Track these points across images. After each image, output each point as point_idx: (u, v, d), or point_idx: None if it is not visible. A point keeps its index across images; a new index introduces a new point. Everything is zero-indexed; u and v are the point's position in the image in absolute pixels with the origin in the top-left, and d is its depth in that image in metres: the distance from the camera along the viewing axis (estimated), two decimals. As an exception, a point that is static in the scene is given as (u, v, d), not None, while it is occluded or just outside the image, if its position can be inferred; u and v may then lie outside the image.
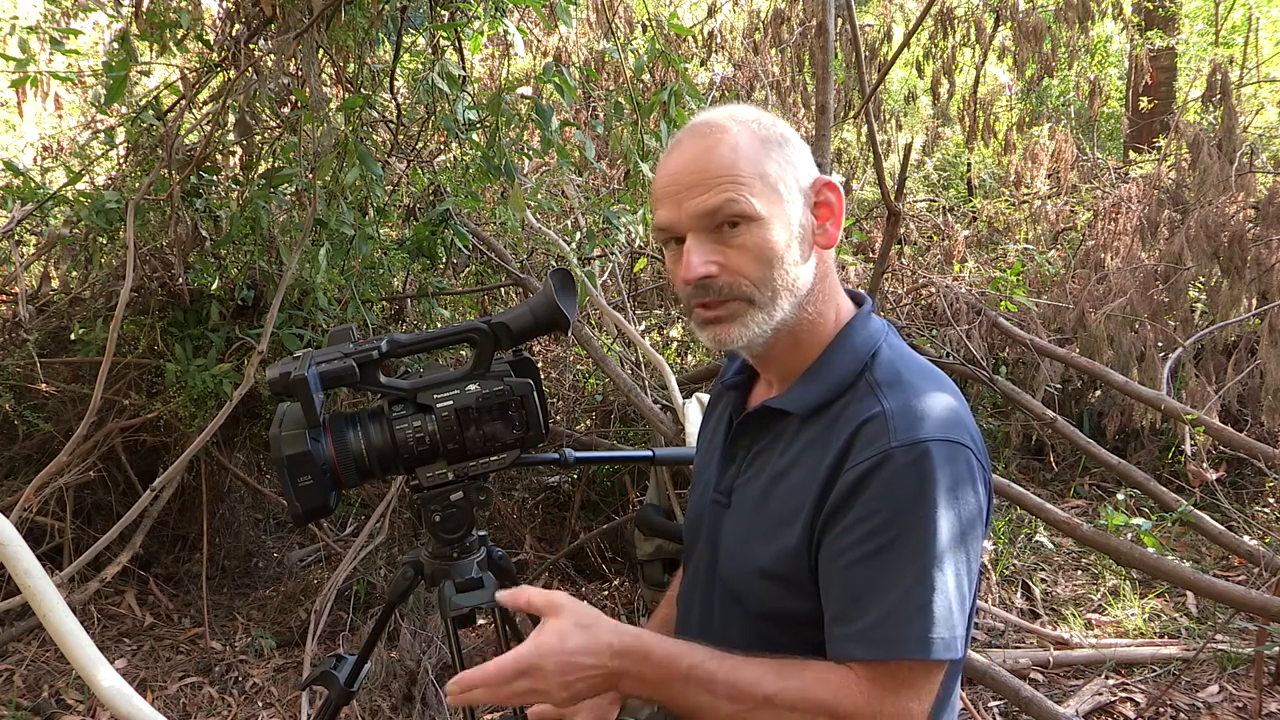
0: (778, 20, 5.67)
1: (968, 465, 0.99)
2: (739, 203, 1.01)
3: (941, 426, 0.99)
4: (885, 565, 0.95)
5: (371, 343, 1.20)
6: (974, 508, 0.99)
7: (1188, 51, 8.09)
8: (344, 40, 2.62)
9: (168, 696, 2.84)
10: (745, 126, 1.05)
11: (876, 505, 0.96)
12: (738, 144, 1.04)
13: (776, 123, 1.09)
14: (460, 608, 1.28)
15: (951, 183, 7.54)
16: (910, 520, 0.95)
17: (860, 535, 0.97)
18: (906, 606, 0.94)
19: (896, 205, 3.06)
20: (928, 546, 0.94)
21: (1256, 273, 4.13)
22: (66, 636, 1.25)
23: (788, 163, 1.05)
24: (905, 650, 0.94)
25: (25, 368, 2.98)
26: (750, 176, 1.02)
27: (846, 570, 0.98)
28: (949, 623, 0.94)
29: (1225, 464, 3.76)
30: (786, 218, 1.04)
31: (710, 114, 1.09)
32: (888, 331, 1.12)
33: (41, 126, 4.73)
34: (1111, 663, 2.98)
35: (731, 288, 1.04)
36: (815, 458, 1.03)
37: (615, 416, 3.85)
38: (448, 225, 3.17)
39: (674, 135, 1.17)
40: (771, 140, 1.05)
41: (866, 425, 1.00)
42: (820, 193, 1.08)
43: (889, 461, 0.96)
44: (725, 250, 1.03)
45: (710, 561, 1.17)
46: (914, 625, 0.93)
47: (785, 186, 1.04)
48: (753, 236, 1.02)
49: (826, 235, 1.08)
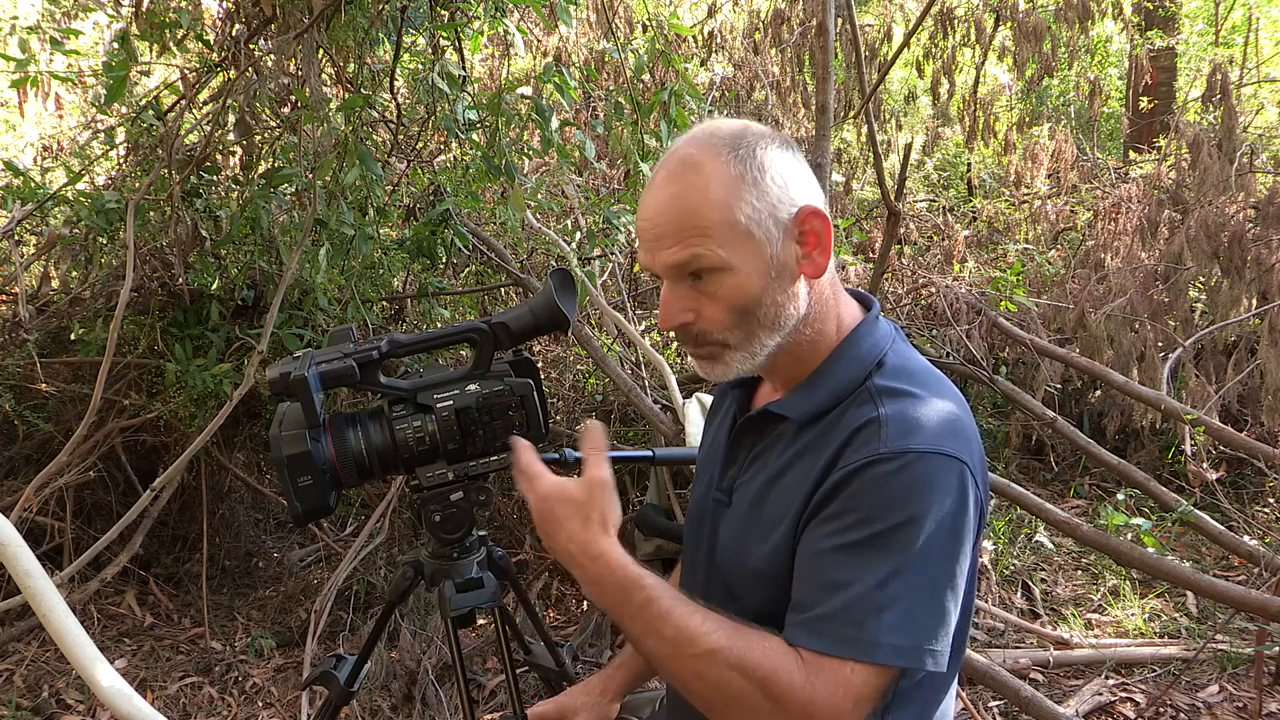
0: (778, 20, 5.67)
1: (958, 478, 0.97)
2: (705, 257, 1.01)
3: (935, 437, 0.98)
4: (849, 563, 0.95)
5: (371, 343, 1.20)
6: (959, 522, 0.97)
7: (1188, 51, 8.09)
8: (344, 40, 2.62)
9: (168, 696, 2.84)
10: (720, 163, 1.01)
11: (854, 504, 0.96)
12: (708, 188, 1.01)
13: (762, 144, 1.04)
14: (460, 608, 1.28)
15: (951, 183, 7.53)
16: (887, 524, 0.94)
17: (833, 529, 0.97)
18: (862, 607, 0.93)
19: (896, 205, 3.06)
20: (899, 552, 0.93)
21: (1256, 273, 4.13)
22: (66, 636, 1.25)
23: (763, 199, 1.01)
24: (850, 650, 0.92)
25: (25, 368, 2.98)
26: (718, 226, 1.00)
27: (813, 559, 0.98)
28: (908, 631, 0.93)
29: (1225, 464, 3.76)
30: (761, 260, 1.02)
31: (688, 142, 1.05)
32: (895, 337, 1.11)
33: (41, 126, 4.73)
34: (1111, 663, 2.98)
35: (705, 335, 1.05)
36: (810, 461, 1.03)
37: (615, 416, 3.84)
38: (448, 225, 3.17)
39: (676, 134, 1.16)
40: (747, 176, 1.01)
41: (861, 430, 0.99)
42: (805, 222, 1.03)
43: (875, 465, 0.96)
44: (699, 298, 1.04)
45: (708, 559, 1.17)
46: (866, 627, 0.92)
47: (758, 227, 1.01)
48: (724, 286, 1.02)
49: (814, 265, 1.05)
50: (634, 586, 0.97)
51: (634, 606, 0.97)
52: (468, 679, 1.34)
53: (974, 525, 1.00)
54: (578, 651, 2.93)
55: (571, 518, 1.00)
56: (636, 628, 0.98)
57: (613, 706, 1.33)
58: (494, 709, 2.78)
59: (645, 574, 0.98)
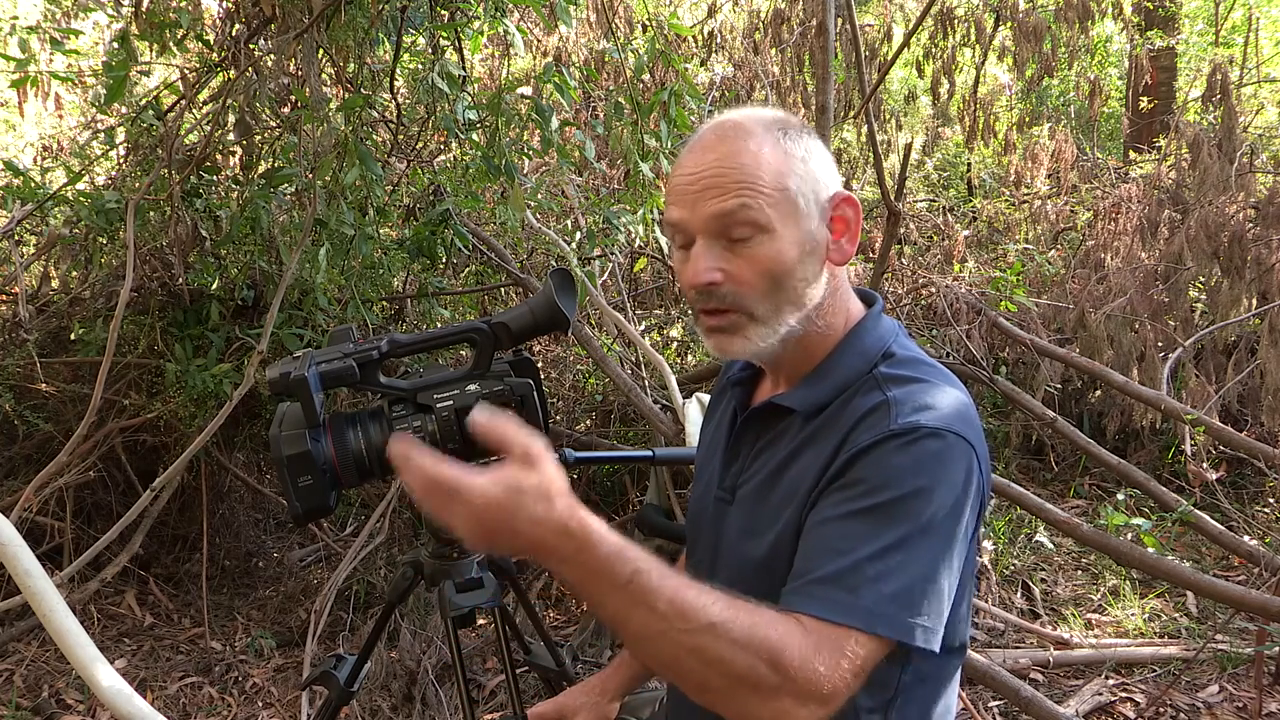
0: (778, 20, 5.67)
1: (965, 458, 0.97)
2: (754, 210, 0.99)
3: (944, 418, 0.98)
4: (852, 531, 0.93)
5: (371, 343, 1.20)
6: (965, 501, 0.97)
7: (1188, 51, 8.09)
8: (344, 40, 2.62)
9: (168, 696, 2.84)
10: (771, 134, 1.03)
11: (862, 475, 0.95)
12: (761, 151, 1.01)
13: (804, 131, 1.06)
14: (460, 608, 1.28)
15: (951, 183, 7.54)
16: (891, 495, 0.93)
17: (840, 499, 0.96)
18: (861, 573, 0.91)
19: (896, 205, 3.06)
20: (902, 523, 0.92)
21: (1256, 273, 4.13)
22: (66, 636, 1.25)
23: (810, 176, 1.03)
24: (847, 616, 0.89)
25: (25, 368, 2.98)
26: (770, 187, 1.00)
27: (816, 528, 0.97)
28: (907, 604, 0.91)
29: (1225, 464, 3.76)
30: (801, 233, 1.02)
31: (736, 114, 1.06)
32: (898, 332, 1.12)
33: (41, 126, 4.73)
34: (1111, 663, 2.98)
35: (735, 298, 1.02)
36: (818, 449, 1.03)
37: (615, 416, 3.85)
38: (448, 225, 3.17)
39: (693, 132, 1.16)
40: (796, 151, 1.03)
41: (871, 413, 0.99)
42: (838, 207, 1.05)
43: (885, 441, 0.96)
44: (733, 259, 1.01)
45: (711, 558, 1.17)
46: (862, 593, 0.90)
47: (804, 199, 1.02)
48: (763, 249, 1.01)
49: (841, 251, 1.06)
50: (618, 559, 0.84)
51: (621, 580, 0.84)
52: (468, 679, 1.34)
53: (976, 511, 1.00)
54: (578, 651, 2.93)
55: (531, 502, 0.83)
56: (622, 604, 0.84)
57: (612, 706, 1.33)
58: (494, 709, 2.79)
59: (630, 544, 0.86)
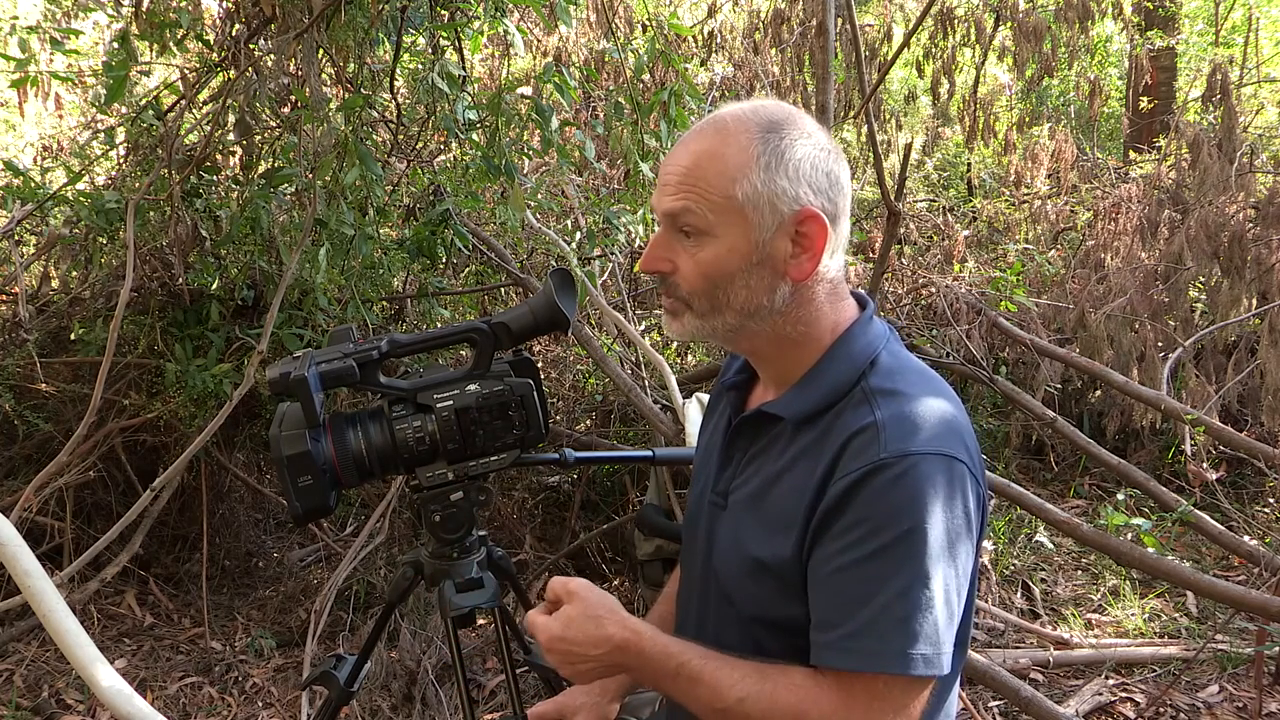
0: (778, 20, 5.67)
1: (959, 478, 0.98)
2: (695, 215, 1.03)
3: (934, 439, 0.98)
4: (868, 575, 0.95)
5: (371, 343, 1.20)
6: (964, 521, 0.98)
7: (1188, 51, 8.09)
8: (344, 40, 2.62)
9: (168, 696, 2.84)
10: (745, 138, 1.02)
11: (863, 514, 0.96)
12: (725, 154, 1.02)
13: (799, 140, 1.03)
14: (460, 608, 1.28)
15: (951, 183, 7.53)
16: (897, 532, 0.94)
17: (846, 543, 0.97)
18: (887, 619, 0.93)
19: (896, 205, 3.06)
20: (913, 559, 0.94)
21: (1256, 273, 4.13)
22: (66, 636, 1.25)
23: (769, 185, 1.01)
24: (882, 664, 0.93)
25: (25, 368, 2.98)
26: (717, 194, 1.02)
27: (830, 577, 0.98)
28: (932, 639, 0.94)
29: (1225, 464, 3.76)
30: (745, 242, 1.03)
31: (735, 108, 1.07)
32: (888, 337, 1.11)
33: (41, 126, 4.73)
34: (1111, 663, 2.98)
35: (674, 289, 1.08)
36: (808, 465, 1.03)
37: (615, 416, 3.84)
38: (448, 225, 3.17)
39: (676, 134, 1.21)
40: (762, 159, 1.02)
41: (857, 436, 0.99)
42: (803, 224, 1.03)
43: (878, 473, 0.96)
44: (680, 253, 1.07)
45: (705, 562, 1.17)
46: (893, 639, 0.93)
47: (753, 209, 1.02)
48: (704, 251, 1.04)
49: (799, 268, 1.04)
50: (664, 656, 1.02)
51: (669, 674, 1.02)
52: (468, 679, 1.34)
53: (976, 522, 1.01)
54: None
55: (584, 630, 1.02)
56: (676, 691, 1.03)
57: (612, 707, 1.33)
58: (494, 709, 2.79)
59: (673, 642, 1.04)
